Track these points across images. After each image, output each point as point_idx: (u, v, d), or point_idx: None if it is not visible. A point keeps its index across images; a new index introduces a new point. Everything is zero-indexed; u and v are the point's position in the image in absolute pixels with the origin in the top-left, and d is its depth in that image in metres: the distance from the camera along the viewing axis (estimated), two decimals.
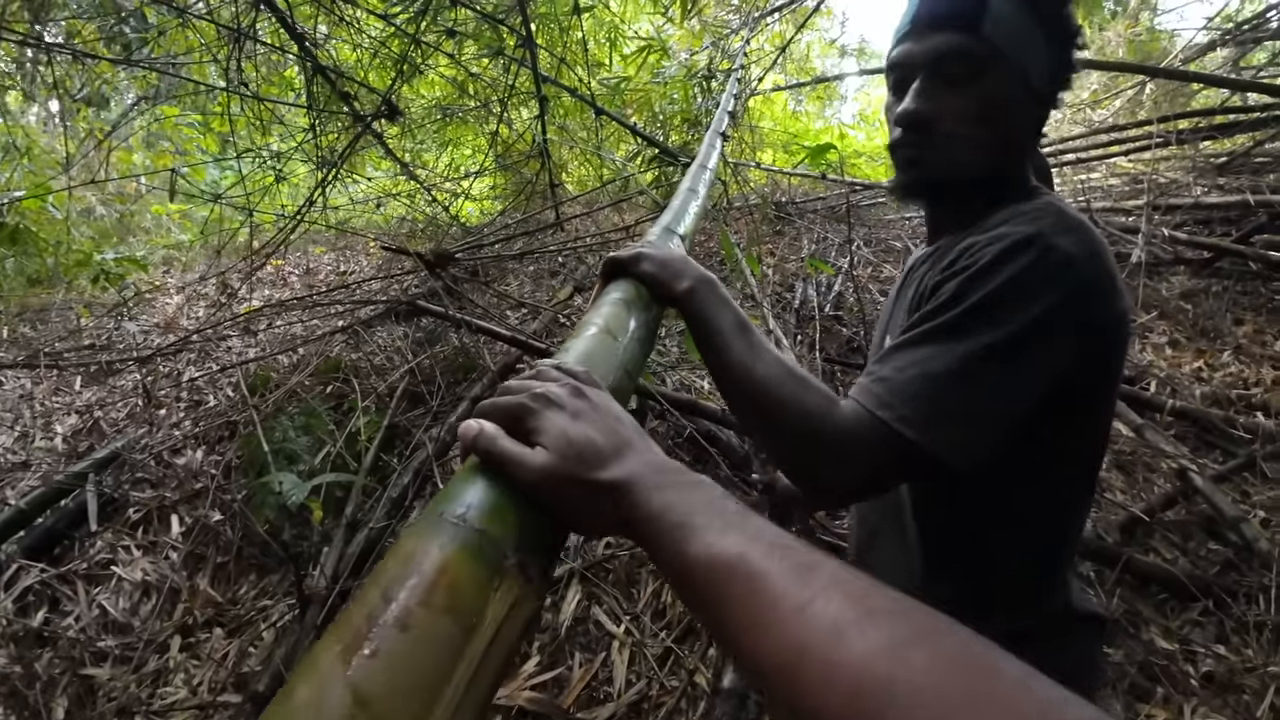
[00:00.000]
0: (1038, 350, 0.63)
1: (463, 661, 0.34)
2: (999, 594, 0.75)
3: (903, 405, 0.61)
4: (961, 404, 0.62)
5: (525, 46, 2.96)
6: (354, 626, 0.33)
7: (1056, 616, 0.75)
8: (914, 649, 0.28)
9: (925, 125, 0.75)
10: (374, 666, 0.31)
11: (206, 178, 4.67)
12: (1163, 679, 1.72)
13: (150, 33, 3.23)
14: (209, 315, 3.94)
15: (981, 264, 0.64)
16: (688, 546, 0.38)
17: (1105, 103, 6.36)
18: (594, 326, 0.65)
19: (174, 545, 2.35)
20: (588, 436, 0.45)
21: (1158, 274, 3.78)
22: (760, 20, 4.18)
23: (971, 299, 0.63)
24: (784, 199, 4.83)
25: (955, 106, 0.73)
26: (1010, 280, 0.62)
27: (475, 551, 0.38)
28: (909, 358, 0.64)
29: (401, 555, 0.37)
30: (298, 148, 3.20)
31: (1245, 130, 4.54)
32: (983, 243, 0.66)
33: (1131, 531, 2.15)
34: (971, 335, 0.62)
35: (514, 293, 3.82)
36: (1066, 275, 0.63)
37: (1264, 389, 2.85)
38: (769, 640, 0.32)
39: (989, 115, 0.73)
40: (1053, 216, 0.67)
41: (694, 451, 2.44)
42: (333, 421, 2.56)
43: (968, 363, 0.61)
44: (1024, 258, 0.63)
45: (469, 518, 0.40)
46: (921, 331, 0.65)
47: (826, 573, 0.33)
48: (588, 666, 1.79)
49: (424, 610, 0.34)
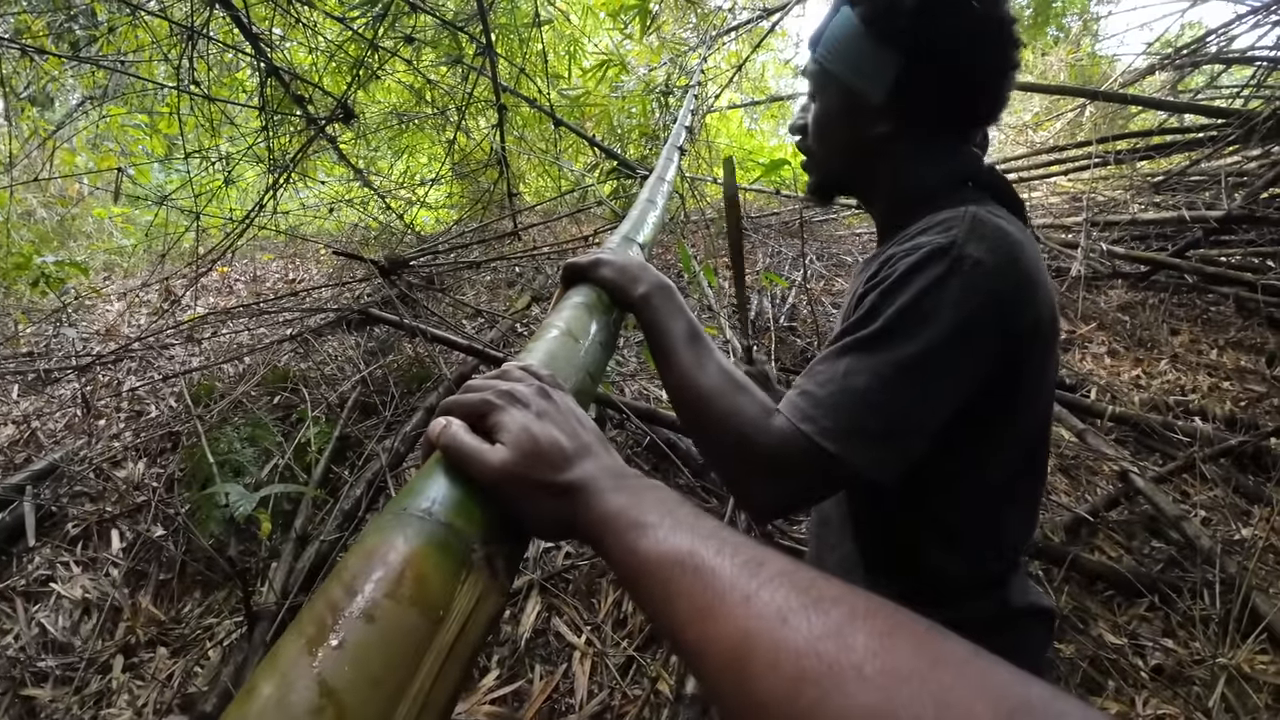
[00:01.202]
0: (952, 361, 0.64)
1: (430, 654, 0.33)
2: (932, 590, 0.77)
3: (824, 418, 0.62)
4: (880, 418, 0.62)
5: (485, 55, 2.94)
6: (319, 619, 0.32)
7: (992, 614, 0.77)
8: (857, 631, 0.29)
9: (799, 133, 0.87)
10: (341, 658, 0.30)
11: (152, 180, 4.51)
12: (1113, 673, 1.77)
13: (100, 30, 3.12)
14: (151, 323, 3.80)
15: (895, 276, 0.65)
16: (640, 544, 0.39)
17: (1047, 124, 6.62)
18: (556, 329, 0.65)
19: (114, 561, 2.25)
20: (551, 436, 0.45)
21: (1097, 287, 3.94)
22: (717, 39, 4.26)
23: (887, 312, 0.64)
24: (740, 213, 4.90)
25: (809, 119, 0.85)
26: (923, 291, 0.63)
27: (441, 544, 0.37)
28: (830, 371, 0.65)
29: (365, 549, 0.36)
30: (248, 150, 3.11)
31: (1181, 150, 4.78)
32: (899, 254, 0.67)
33: (1077, 531, 2.22)
34: (888, 349, 0.63)
35: (470, 301, 3.77)
36: (980, 284, 0.63)
37: (1200, 395, 2.99)
38: (716, 628, 0.33)
39: (821, 127, 0.83)
40: (967, 224, 0.67)
41: (653, 460, 2.44)
42: (281, 433, 2.49)
43: (885, 377, 0.62)
44: (936, 268, 0.64)
45: (434, 511, 0.39)
46: (842, 345, 0.66)
47: (774, 566, 0.34)
48: (548, 679, 1.77)
49: (390, 602, 0.33)
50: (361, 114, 3.53)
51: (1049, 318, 0.71)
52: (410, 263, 3.37)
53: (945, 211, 0.71)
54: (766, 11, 4.17)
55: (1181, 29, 6.93)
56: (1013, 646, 0.77)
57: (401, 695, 0.31)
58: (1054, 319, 0.72)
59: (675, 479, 2.36)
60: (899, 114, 0.76)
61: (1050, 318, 0.71)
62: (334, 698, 0.29)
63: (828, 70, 0.78)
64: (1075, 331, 3.52)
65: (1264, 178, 3.98)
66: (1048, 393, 0.76)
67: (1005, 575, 0.78)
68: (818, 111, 0.82)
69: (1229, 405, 2.89)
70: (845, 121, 0.79)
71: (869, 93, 0.75)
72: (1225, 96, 4.91)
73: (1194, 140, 4.66)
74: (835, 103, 0.79)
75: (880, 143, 0.78)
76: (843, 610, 0.30)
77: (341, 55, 3.08)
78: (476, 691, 1.73)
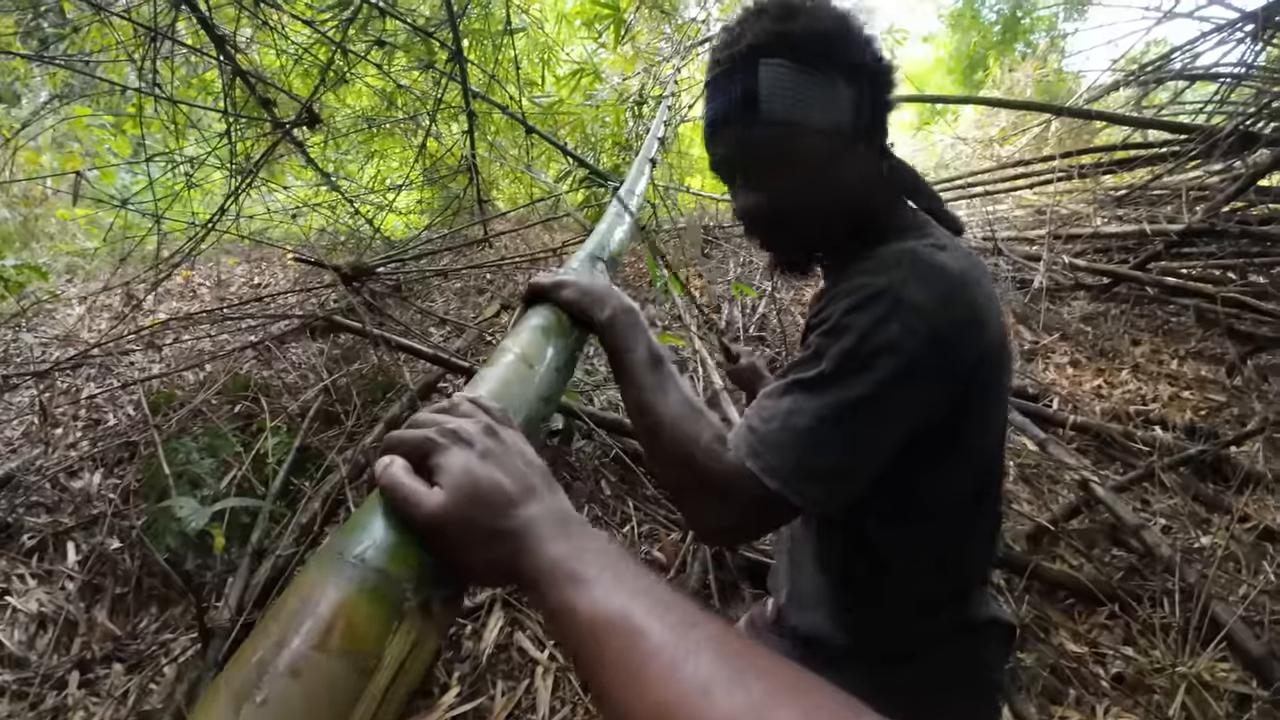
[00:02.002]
0: (894, 404, 0.64)
1: (360, 704, 0.33)
2: (896, 604, 0.78)
3: (769, 455, 0.64)
4: (821, 459, 0.64)
5: (456, 61, 2.92)
6: (245, 673, 0.32)
7: (955, 626, 0.78)
8: (778, 708, 0.29)
9: (752, 218, 0.78)
10: (264, 715, 0.30)
11: (116, 182, 4.41)
12: (1074, 681, 1.79)
13: (67, 29, 3.05)
14: (111, 328, 3.71)
15: (836, 317, 0.66)
16: (576, 599, 0.38)
17: (1013, 139, 6.76)
18: (511, 354, 0.64)
19: (70, 574, 2.19)
20: (493, 479, 0.44)
21: (1059, 299, 4.01)
22: (692, 49, 4.27)
23: (830, 353, 0.65)
24: (712, 224, 4.93)
25: (773, 192, 0.75)
26: (862, 336, 0.64)
27: (373, 592, 0.37)
28: (775, 408, 0.66)
29: (298, 596, 0.36)
30: (212, 153, 3.06)
31: (1144, 165, 4.90)
32: (840, 294, 0.68)
33: (1038, 540, 2.25)
34: (830, 391, 0.64)
35: (438, 309, 3.73)
36: (919, 327, 0.63)
37: (1161, 404, 3.05)
38: (640, 697, 0.33)
39: (808, 184, 0.74)
40: (906, 266, 0.66)
41: (620, 471, 2.42)
42: (240, 443, 2.43)
43: (826, 419, 0.63)
44: (875, 310, 0.64)
45: (368, 557, 0.38)
46: (787, 383, 0.67)
47: (705, 632, 0.34)
48: (510, 695, 1.74)
49: (318, 654, 0.33)
50: (330, 118, 3.49)
51: (997, 347, 0.71)
52: (376, 270, 3.32)
53: (891, 246, 0.71)
54: None
55: (1146, 46, 7.12)
56: (974, 658, 0.79)
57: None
58: (1003, 346, 0.73)
59: (641, 490, 2.35)
60: (864, 136, 0.75)
61: (999, 346, 0.71)
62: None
63: (793, 123, 0.70)
64: (1038, 342, 3.59)
65: (1225, 192, 4.09)
66: (1001, 416, 0.77)
67: (967, 589, 0.80)
68: (788, 177, 0.73)
69: (1189, 414, 2.95)
70: (832, 164, 0.73)
71: (839, 123, 0.72)
72: (1189, 112, 5.03)
73: (1156, 155, 4.78)
74: (812, 153, 0.72)
75: (867, 167, 0.76)
76: (766, 686, 0.31)
77: (310, 58, 3.04)
78: (436, 709, 1.69)
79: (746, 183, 0.76)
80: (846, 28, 0.72)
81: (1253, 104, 4.29)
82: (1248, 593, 2.01)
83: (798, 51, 0.70)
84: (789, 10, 0.71)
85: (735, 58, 0.71)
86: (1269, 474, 2.51)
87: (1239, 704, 1.72)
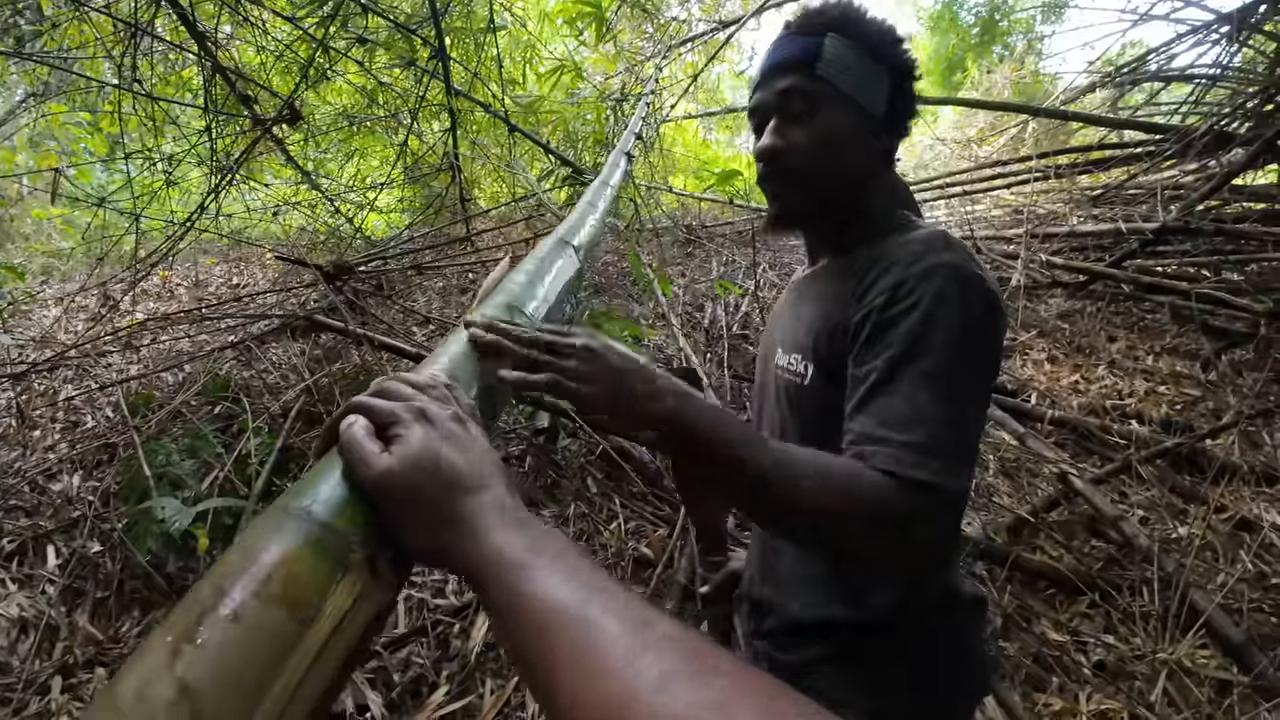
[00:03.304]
0: (990, 377, 0.71)
1: (296, 653, 0.34)
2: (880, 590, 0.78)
3: (934, 460, 0.62)
4: (966, 445, 0.67)
5: (438, 59, 2.91)
6: (187, 617, 0.33)
7: (940, 597, 0.79)
8: (738, 706, 0.29)
9: (778, 158, 0.82)
10: (201, 657, 0.31)
11: (93, 180, 4.34)
12: (1056, 669, 1.81)
13: (45, 25, 3.00)
14: (89, 329, 3.65)
15: (927, 300, 0.67)
16: (525, 586, 0.37)
17: (991, 140, 6.85)
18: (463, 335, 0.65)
19: (51, 578, 2.15)
20: (450, 459, 0.44)
21: (1037, 296, 4.07)
22: (673, 49, 4.29)
23: (937, 339, 0.66)
24: (694, 223, 4.95)
25: (800, 138, 0.81)
26: (963, 316, 0.67)
27: (316, 544, 0.37)
28: (911, 409, 0.65)
29: (243, 547, 0.37)
30: (191, 150, 3.02)
31: (1120, 165, 4.98)
32: (911, 278, 0.69)
33: (1019, 532, 2.28)
34: (948, 379, 0.65)
35: (421, 308, 3.71)
36: (994, 303, 0.69)
37: (1137, 399, 3.10)
38: (595, 688, 0.31)
39: (830, 143, 0.80)
40: (954, 245, 0.72)
41: (606, 468, 2.42)
42: (221, 444, 2.40)
43: (955, 406, 0.65)
44: (960, 290, 0.67)
45: (314, 510, 0.39)
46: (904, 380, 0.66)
47: (661, 630, 0.33)
48: (500, 693, 1.73)
49: (257, 602, 0.34)
50: (310, 115, 3.45)
51: None
52: (357, 269, 3.29)
53: (918, 231, 0.76)
54: (722, 24, 4.23)
55: (1123, 48, 7.24)
56: (960, 630, 0.80)
57: (263, 693, 0.31)
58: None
59: (628, 487, 2.35)
60: (890, 129, 0.84)
61: None
62: (191, 695, 0.29)
63: (836, 87, 0.79)
64: (1016, 339, 3.64)
65: (1199, 191, 4.17)
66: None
67: (949, 563, 0.82)
68: (819, 130, 0.80)
69: (1165, 409, 3.00)
70: (854, 137, 0.81)
71: (873, 107, 0.81)
72: (1164, 113, 5.12)
73: (1132, 155, 4.86)
74: (843, 119, 0.80)
75: (876, 159, 0.84)
76: (725, 684, 0.30)
77: (290, 55, 3.01)
78: (425, 708, 1.69)
79: (777, 126, 0.82)
80: (901, 40, 0.83)
81: (1228, 104, 4.37)
82: (1226, 581, 2.05)
83: (860, 36, 0.80)
84: (861, 8, 0.83)
85: (809, 24, 0.81)
86: (1244, 466, 2.56)
87: (1220, 690, 1.75)
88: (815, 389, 0.77)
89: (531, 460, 2.49)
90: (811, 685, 0.79)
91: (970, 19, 10.82)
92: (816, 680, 0.78)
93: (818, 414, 0.75)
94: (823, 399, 0.75)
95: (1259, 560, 2.19)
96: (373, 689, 1.72)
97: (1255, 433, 2.83)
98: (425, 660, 1.80)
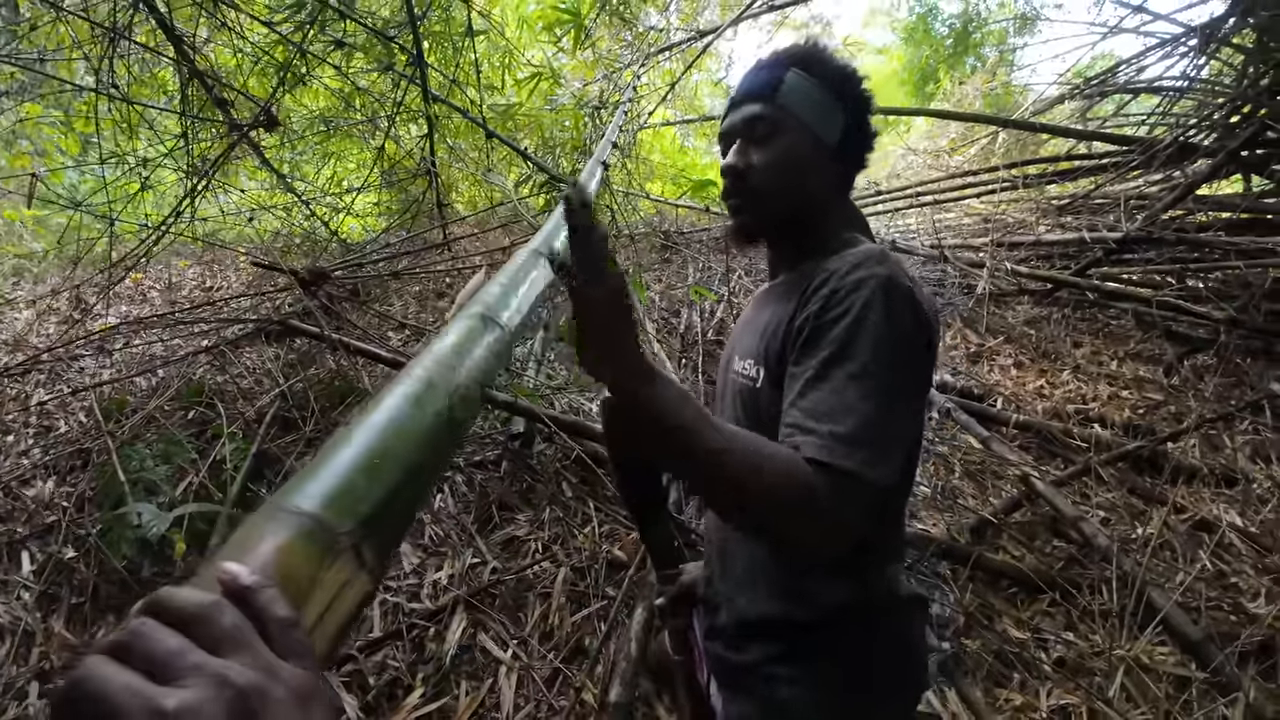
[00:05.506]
0: (923, 377, 0.77)
1: None
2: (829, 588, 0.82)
3: (860, 451, 0.66)
4: (892, 444, 0.71)
5: (415, 64, 2.92)
6: None
7: (879, 603, 0.83)
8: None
9: (740, 176, 0.89)
10: None
11: (64, 181, 4.29)
12: (1018, 665, 1.86)
13: (22, 26, 2.97)
14: (61, 332, 3.61)
15: (857, 307, 0.72)
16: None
17: (961, 150, 6.97)
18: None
19: (25, 584, 2.13)
20: None
21: (1004, 303, 4.16)
22: (651, 57, 4.33)
23: (861, 342, 0.71)
24: (671, 229, 4.99)
25: (762, 159, 0.88)
26: (889, 321, 0.72)
27: (307, 534, 0.39)
28: (838, 402, 0.69)
29: (238, 542, 0.38)
30: (168, 154, 3.00)
31: (1086, 175, 5.07)
32: (844, 288, 0.74)
33: (982, 533, 2.33)
34: (881, 374, 0.70)
35: (397, 313, 3.71)
36: (920, 309, 0.75)
37: (1100, 404, 3.18)
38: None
39: (786, 167, 0.88)
40: (887, 258, 0.78)
41: (581, 473, 2.45)
42: (196, 450, 2.39)
43: (882, 404, 0.69)
44: (892, 299, 0.73)
45: (304, 506, 0.41)
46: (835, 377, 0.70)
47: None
48: (474, 695, 1.75)
49: None
50: (287, 119, 3.44)
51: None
52: (333, 273, 3.29)
53: (859, 247, 0.83)
54: (700, 33, 4.28)
55: (1092, 60, 7.39)
56: (903, 629, 0.85)
57: None
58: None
59: (602, 491, 2.38)
60: (842, 159, 0.91)
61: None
62: None
63: (796, 116, 0.87)
64: (983, 345, 3.71)
65: (1163, 201, 4.27)
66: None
67: (892, 562, 0.86)
68: (777, 153, 0.88)
69: (1127, 412, 3.08)
70: (810, 162, 0.88)
71: (829, 137, 0.88)
72: (1133, 124, 5.21)
73: (1098, 166, 4.96)
74: (800, 146, 0.88)
75: (830, 183, 0.91)
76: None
77: (268, 59, 3.01)
78: (401, 710, 1.70)
79: (741, 147, 0.90)
80: (859, 80, 0.90)
81: (1194, 116, 4.47)
82: (1184, 580, 2.11)
83: (821, 74, 0.88)
84: (824, 48, 0.92)
85: (775, 60, 0.90)
86: (1204, 468, 2.63)
87: (1178, 685, 1.80)
88: (765, 391, 0.82)
89: (507, 465, 2.51)
90: (759, 684, 0.82)
91: (944, 30, 11.00)
92: (764, 679, 0.82)
93: (768, 414, 0.78)
94: (771, 400, 0.79)
95: (1217, 559, 2.25)
96: (348, 692, 1.73)
97: (1215, 436, 2.91)
98: (401, 663, 1.81)
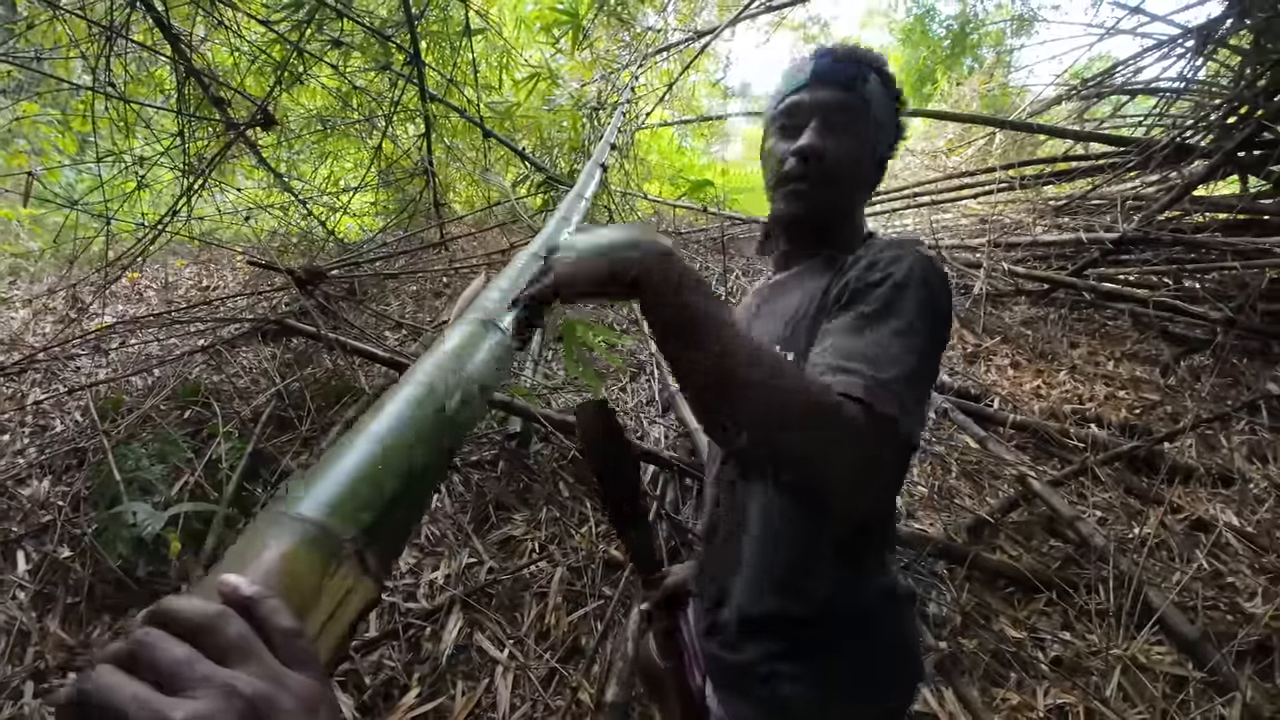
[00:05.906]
0: (939, 356, 0.76)
1: None
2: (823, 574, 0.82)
3: (897, 398, 0.63)
4: (924, 396, 0.70)
5: (413, 64, 2.92)
6: None
7: (876, 597, 0.83)
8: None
9: (819, 156, 0.85)
10: None
11: (61, 180, 4.28)
12: (1015, 665, 1.86)
13: (19, 24, 2.97)
14: (57, 331, 3.60)
15: (897, 276, 0.73)
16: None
17: (958, 150, 6.98)
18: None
19: (21, 584, 2.13)
20: None
21: (1001, 304, 4.16)
22: (649, 58, 4.33)
23: (904, 304, 0.71)
24: (668, 229, 4.99)
25: (838, 146, 0.86)
26: (924, 290, 0.72)
27: (312, 541, 0.39)
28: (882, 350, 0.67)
29: (238, 551, 0.38)
30: (164, 153, 3.00)
31: (1083, 175, 5.08)
32: (882, 261, 0.75)
33: (979, 532, 2.34)
34: (918, 334, 0.69)
35: (394, 313, 3.71)
36: (947, 287, 0.76)
37: (1096, 404, 3.18)
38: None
39: (859, 159, 0.88)
40: (922, 246, 0.81)
41: (577, 472, 2.45)
42: (192, 449, 2.39)
43: (922, 358, 0.68)
44: (926, 275, 0.73)
45: (307, 513, 0.41)
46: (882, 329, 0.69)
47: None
48: (470, 694, 1.75)
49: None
50: (284, 118, 3.44)
51: None
52: (329, 273, 3.28)
53: (884, 238, 0.86)
54: (697, 34, 4.28)
55: (1090, 62, 7.40)
56: (899, 624, 0.85)
57: None
58: None
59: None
60: (882, 166, 0.93)
61: None
62: None
63: (873, 114, 0.88)
64: (980, 345, 3.72)
65: (1160, 201, 4.27)
66: None
67: (886, 556, 0.86)
68: (855, 143, 0.87)
69: (1124, 413, 3.09)
70: (869, 163, 0.90)
71: (880, 147, 0.91)
72: (1130, 125, 5.23)
73: (1095, 166, 4.97)
74: (869, 143, 0.89)
75: (862, 189, 0.93)
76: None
77: (265, 58, 3.00)
78: (397, 710, 1.69)
79: (820, 128, 0.86)
80: (907, 103, 0.94)
81: (1191, 117, 4.48)
82: (1181, 579, 2.11)
83: (890, 84, 0.91)
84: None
85: (856, 56, 0.89)
86: (1200, 468, 2.64)
87: (1175, 685, 1.81)
88: None
89: (504, 465, 2.51)
90: (758, 684, 0.82)
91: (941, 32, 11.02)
92: (764, 678, 0.81)
93: None
94: None
95: (1214, 559, 2.25)
96: (344, 692, 1.73)
97: (1212, 436, 2.92)
98: (397, 663, 1.80)
